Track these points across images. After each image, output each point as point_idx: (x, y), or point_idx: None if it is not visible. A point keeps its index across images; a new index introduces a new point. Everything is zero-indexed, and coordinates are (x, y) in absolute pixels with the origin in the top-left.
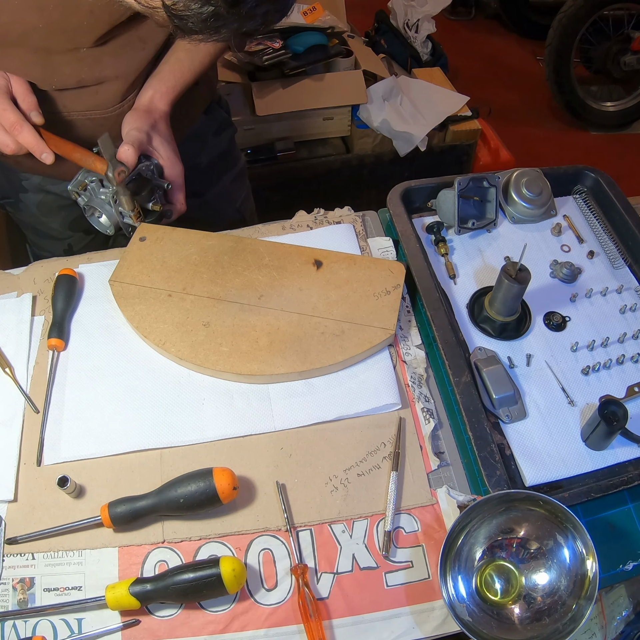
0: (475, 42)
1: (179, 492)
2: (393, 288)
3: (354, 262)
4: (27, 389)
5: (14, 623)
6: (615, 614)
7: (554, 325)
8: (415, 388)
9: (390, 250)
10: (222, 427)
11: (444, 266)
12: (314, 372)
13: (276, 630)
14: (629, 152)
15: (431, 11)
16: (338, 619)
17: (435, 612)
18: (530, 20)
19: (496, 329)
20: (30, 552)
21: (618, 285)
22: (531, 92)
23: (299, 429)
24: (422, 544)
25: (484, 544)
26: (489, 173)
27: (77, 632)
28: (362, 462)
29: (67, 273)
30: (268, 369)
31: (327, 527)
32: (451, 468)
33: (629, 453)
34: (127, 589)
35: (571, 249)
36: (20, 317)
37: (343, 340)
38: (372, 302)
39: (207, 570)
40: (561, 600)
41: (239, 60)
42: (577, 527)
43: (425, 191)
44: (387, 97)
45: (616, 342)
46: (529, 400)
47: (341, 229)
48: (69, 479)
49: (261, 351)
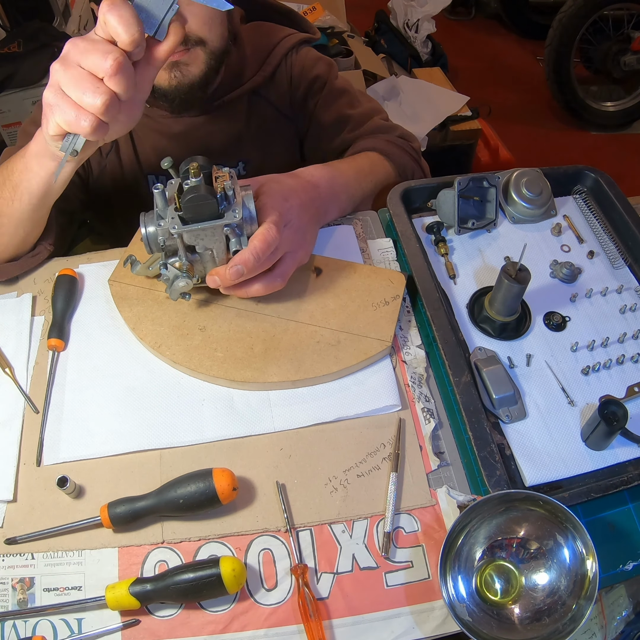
0: (475, 42)
1: (178, 493)
2: (392, 299)
3: (354, 270)
4: (27, 389)
5: (14, 623)
6: (615, 614)
7: (554, 325)
8: (415, 388)
9: (390, 251)
10: (221, 427)
11: (444, 266)
12: (308, 382)
13: (276, 630)
14: (629, 152)
15: (431, 11)
16: (338, 619)
17: (435, 612)
18: (530, 20)
19: (496, 329)
20: (30, 552)
21: (618, 285)
22: (531, 92)
23: (298, 429)
24: (422, 544)
25: (484, 544)
26: (489, 173)
27: (77, 632)
28: (362, 463)
29: (67, 273)
30: (261, 377)
31: (327, 527)
32: (451, 468)
33: (629, 453)
34: (127, 589)
35: (571, 249)
36: (20, 317)
37: (338, 350)
38: (370, 313)
39: (207, 570)
40: (561, 600)
41: None
42: (577, 527)
43: (425, 191)
44: (387, 97)
45: (616, 342)
46: (529, 400)
47: (341, 231)
48: (68, 479)
49: (256, 358)
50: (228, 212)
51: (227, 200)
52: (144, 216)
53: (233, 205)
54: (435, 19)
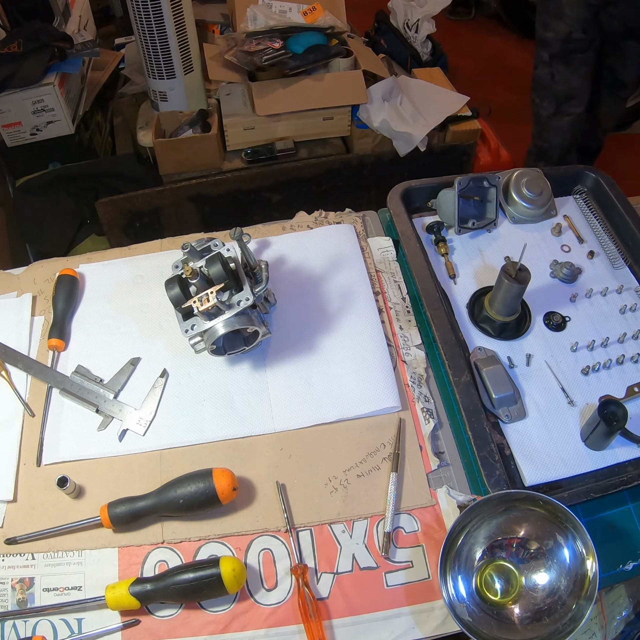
0: (475, 42)
1: (178, 493)
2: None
3: None
4: (27, 389)
5: (14, 623)
6: (615, 614)
7: (554, 325)
8: (415, 388)
9: (390, 250)
10: (221, 427)
11: (444, 266)
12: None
13: (276, 630)
14: (629, 152)
15: (431, 11)
16: (338, 619)
17: (435, 612)
18: (530, 20)
19: (496, 329)
20: (30, 552)
21: (618, 286)
22: (531, 92)
23: (298, 429)
24: (422, 544)
25: (484, 544)
26: (489, 173)
27: (77, 632)
28: (362, 463)
29: (68, 273)
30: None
31: (327, 527)
32: (451, 468)
33: (629, 453)
34: (127, 589)
35: (571, 249)
36: (20, 317)
37: None
38: None
39: (207, 570)
40: (561, 600)
41: (239, 60)
42: (577, 527)
43: (425, 191)
44: (387, 97)
45: (616, 342)
46: (529, 400)
47: (341, 230)
48: (68, 479)
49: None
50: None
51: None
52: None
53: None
54: (435, 19)
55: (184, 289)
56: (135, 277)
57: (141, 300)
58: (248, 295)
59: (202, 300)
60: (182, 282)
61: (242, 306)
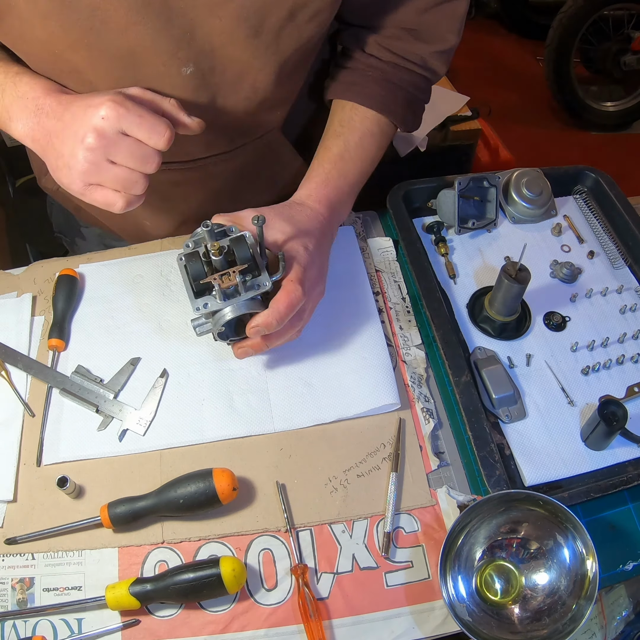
0: (475, 42)
1: (178, 493)
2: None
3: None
4: (27, 389)
5: (14, 623)
6: (615, 614)
7: (554, 325)
8: (415, 388)
9: (390, 251)
10: (221, 427)
11: (444, 266)
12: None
13: (276, 630)
14: (629, 152)
15: None
16: (338, 619)
17: (435, 612)
18: (530, 20)
19: (496, 329)
20: (30, 552)
21: (618, 286)
22: (531, 92)
23: (298, 429)
24: (422, 544)
25: (484, 544)
26: (489, 173)
27: (77, 632)
28: (362, 463)
29: (68, 273)
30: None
31: (327, 527)
32: (451, 468)
33: (629, 453)
34: (127, 589)
35: (571, 249)
36: (20, 317)
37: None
38: None
39: (207, 570)
40: (561, 600)
41: None
42: (577, 527)
43: (425, 191)
44: None
45: (616, 342)
46: (529, 400)
47: (341, 230)
48: (68, 479)
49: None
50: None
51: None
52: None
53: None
54: None
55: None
56: (135, 277)
57: (141, 300)
58: (267, 281)
59: (222, 278)
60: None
61: (260, 290)
